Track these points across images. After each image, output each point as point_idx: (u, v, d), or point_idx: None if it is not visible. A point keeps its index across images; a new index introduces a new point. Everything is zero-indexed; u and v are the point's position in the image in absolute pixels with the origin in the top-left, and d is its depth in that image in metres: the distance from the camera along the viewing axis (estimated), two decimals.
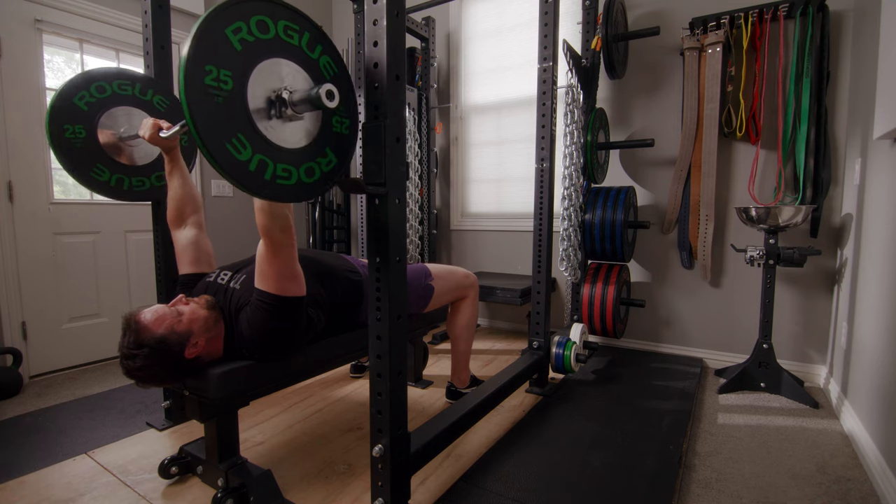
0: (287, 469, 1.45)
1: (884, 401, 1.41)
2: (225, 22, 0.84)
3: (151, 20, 1.67)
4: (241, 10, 0.86)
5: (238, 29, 0.85)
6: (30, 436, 1.69)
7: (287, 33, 0.94)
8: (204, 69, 0.80)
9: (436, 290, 1.75)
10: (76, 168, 1.47)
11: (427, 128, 3.06)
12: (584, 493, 1.32)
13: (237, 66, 0.86)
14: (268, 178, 0.90)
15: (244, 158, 0.86)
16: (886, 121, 1.41)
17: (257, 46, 0.89)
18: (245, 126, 0.87)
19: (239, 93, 0.86)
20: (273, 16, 0.91)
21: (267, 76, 0.90)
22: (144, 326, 1.12)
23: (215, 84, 0.82)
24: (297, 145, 0.96)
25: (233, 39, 0.85)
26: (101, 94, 1.51)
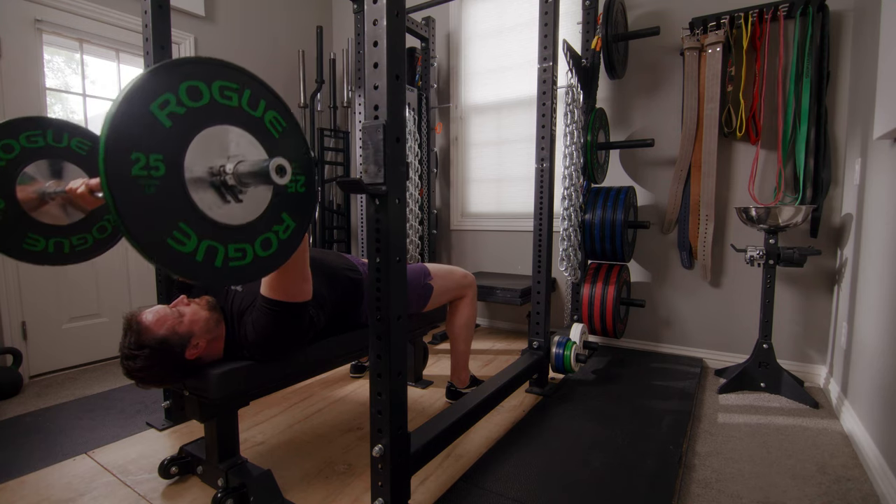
0: (287, 469, 1.45)
1: (884, 401, 1.41)
2: (149, 97, 0.72)
3: (151, 20, 1.67)
4: (167, 79, 0.75)
5: (166, 102, 0.74)
6: (30, 436, 1.69)
7: (224, 95, 0.83)
8: (130, 158, 0.70)
9: (435, 289, 1.75)
10: (5, 246, 1.24)
11: (427, 128, 3.05)
12: (584, 493, 1.32)
13: (169, 146, 0.75)
14: (219, 265, 0.81)
15: (189, 249, 0.77)
16: (886, 121, 1.41)
17: (191, 117, 0.78)
18: (186, 212, 0.77)
19: (175, 176, 0.75)
20: (206, 78, 0.80)
21: (207, 149, 0.80)
22: (146, 327, 1.12)
23: (145, 173, 0.71)
24: (249, 219, 0.87)
25: (160, 116, 0.73)
26: (9, 154, 1.26)
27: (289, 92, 3.50)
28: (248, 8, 3.21)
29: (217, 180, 0.82)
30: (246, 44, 3.21)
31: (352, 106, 3.51)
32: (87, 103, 2.54)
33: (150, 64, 1.70)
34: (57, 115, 2.44)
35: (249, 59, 3.23)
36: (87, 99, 2.53)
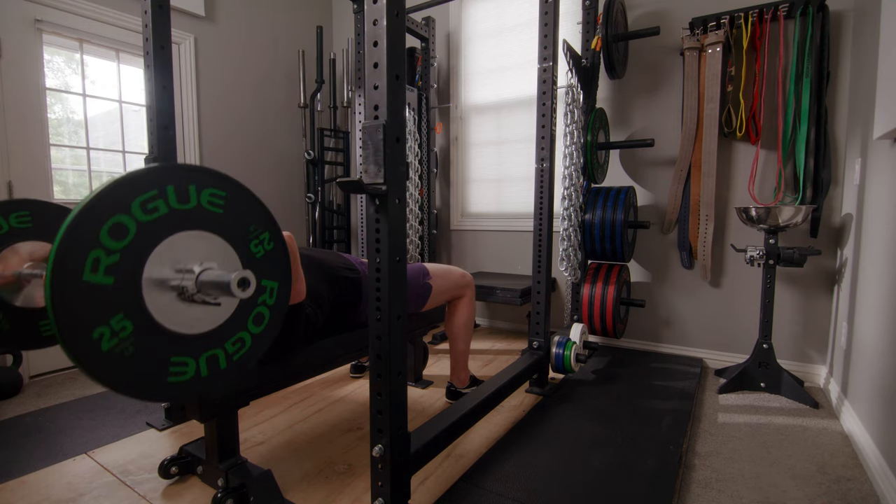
0: (287, 469, 1.45)
1: (884, 401, 1.41)
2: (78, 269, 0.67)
3: (151, 20, 1.67)
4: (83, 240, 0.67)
5: (96, 262, 0.68)
6: (30, 436, 1.69)
7: (147, 209, 0.75)
8: (92, 338, 0.67)
9: (434, 288, 1.75)
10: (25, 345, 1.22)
11: (427, 128, 3.05)
12: (584, 492, 1.32)
13: (123, 299, 0.71)
14: (225, 367, 0.82)
15: (192, 373, 0.77)
16: (886, 121, 1.41)
17: (128, 257, 0.72)
18: (173, 345, 0.75)
19: (144, 323, 0.73)
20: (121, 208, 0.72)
21: (159, 276, 0.76)
22: None
23: (115, 341, 0.69)
24: (234, 308, 0.85)
25: (98, 279, 0.69)
26: None
27: (289, 92, 3.51)
28: (248, 8, 3.21)
29: (190, 298, 0.78)
30: (246, 44, 3.21)
31: (352, 106, 3.51)
32: (87, 103, 2.54)
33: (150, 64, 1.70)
34: (57, 115, 2.44)
35: (249, 59, 3.23)
36: (87, 99, 2.53)
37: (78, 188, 2.53)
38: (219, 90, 3.06)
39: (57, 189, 2.42)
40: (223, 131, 3.09)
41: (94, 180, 2.58)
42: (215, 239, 0.83)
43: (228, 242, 0.84)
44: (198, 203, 0.79)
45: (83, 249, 0.67)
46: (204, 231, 0.81)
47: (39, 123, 2.30)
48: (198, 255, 0.80)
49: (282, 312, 0.95)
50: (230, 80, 3.12)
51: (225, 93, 3.09)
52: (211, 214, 0.82)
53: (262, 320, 0.90)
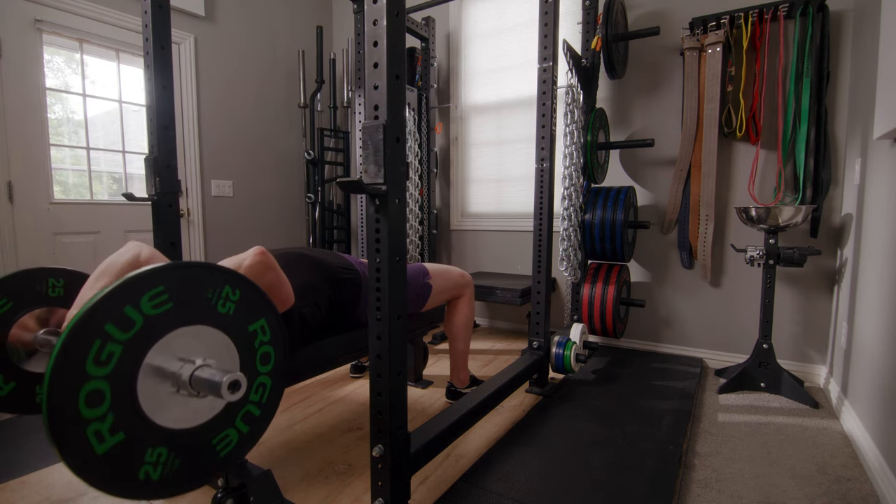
0: (287, 469, 1.45)
1: (884, 401, 1.41)
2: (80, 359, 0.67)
3: (151, 20, 1.67)
4: (91, 329, 0.68)
5: (97, 356, 0.69)
6: (30, 436, 1.69)
7: (155, 304, 0.76)
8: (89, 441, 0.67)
9: (433, 288, 1.75)
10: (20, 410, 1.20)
11: (427, 128, 3.06)
12: (584, 493, 1.32)
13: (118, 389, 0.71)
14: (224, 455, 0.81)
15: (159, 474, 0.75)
16: (886, 121, 1.41)
17: (129, 351, 0.72)
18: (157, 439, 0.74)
19: (132, 413, 0.72)
20: (132, 300, 0.73)
21: (158, 366, 0.76)
22: None
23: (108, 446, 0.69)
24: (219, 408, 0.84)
25: (96, 371, 0.69)
26: None
27: (289, 92, 3.51)
28: (248, 8, 3.21)
29: (180, 390, 0.78)
30: (246, 44, 3.21)
31: (352, 106, 3.52)
32: (87, 103, 2.54)
33: (150, 64, 1.70)
34: (57, 115, 2.45)
35: (249, 59, 3.23)
36: (87, 99, 2.53)
37: (78, 188, 2.53)
38: (219, 90, 3.06)
39: (57, 189, 2.42)
40: (223, 131, 3.09)
41: (94, 180, 2.58)
42: (187, 329, 0.80)
43: (200, 324, 0.81)
44: (145, 316, 0.75)
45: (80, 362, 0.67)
46: (173, 331, 0.78)
47: (39, 123, 2.30)
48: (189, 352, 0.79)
49: (275, 407, 0.92)
50: (230, 80, 3.12)
51: (225, 93, 3.09)
52: (164, 314, 0.78)
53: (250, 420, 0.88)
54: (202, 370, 0.77)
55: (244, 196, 3.23)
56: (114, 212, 2.58)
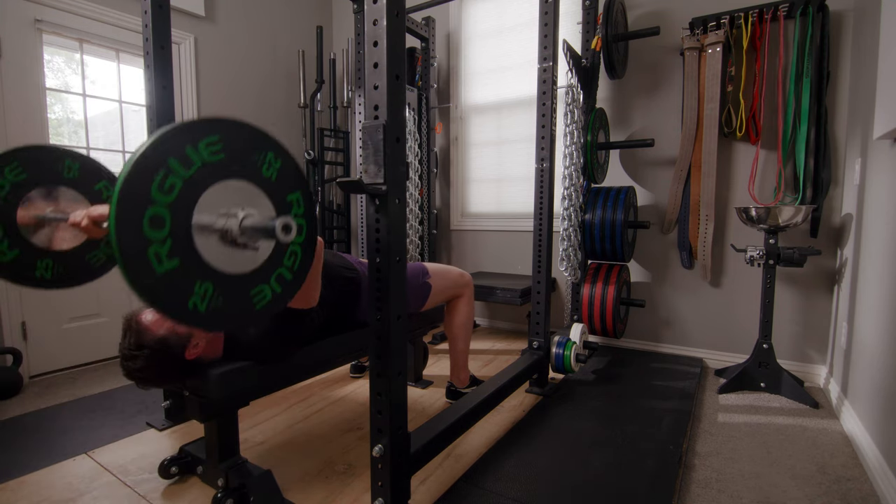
0: (287, 469, 1.45)
1: (884, 401, 1.41)
2: (149, 178, 0.72)
3: (151, 20, 1.67)
4: (158, 156, 0.74)
5: (164, 178, 0.74)
6: (30, 436, 1.69)
7: (212, 153, 0.81)
8: (145, 237, 0.71)
9: (433, 287, 1.75)
10: (20, 279, 1.24)
11: (427, 128, 3.05)
12: (584, 493, 1.32)
13: (177, 217, 0.76)
14: (259, 308, 0.86)
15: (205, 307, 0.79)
16: (886, 121, 1.41)
17: (189, 185, 0.78)
18: (204, 273, 0.79)
19: (187, 244, 0.77)
20: (192, 141, 0.78)
21: (210, 210, 0.80)
22: (145, 327, 1.12)
23: (159, 249, 0.73)
24: (260, 261, 0.88)
25: (160, 197, 0.74)
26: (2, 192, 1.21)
27: (289, 92, 3.51)
28: (248, 8, 3.21)
29: (226, 238, 0.83)
30: (246, 44, 3.21)
31: (352, 106, 3.51)
32: (87, 103, 2.54)
33: (150, 64, 1.70)
34: (57, 115, 2.45)
35: (249, 60, 3.23)
36: (87, 99, 2.53)
37: None
38: (219, 90, 3.05)
39: None
40: None
41: None
42: (236, 183, 0.85)
43: (246, 181, 0.87)
44: (202, 160, 0.80)
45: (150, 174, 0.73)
46: (224, 181, 0.83)
47: (39, 123, 2.30)
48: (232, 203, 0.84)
49: (300, 284, 0.96)
50: (230, 80, 3.12)
51: (225, 93, 3.09)
52: (217, 163, 0.83)
53: (284, 281, 0.92)
54: (250, 218, 0.83)
55: None
56: None
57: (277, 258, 0.91)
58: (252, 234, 0.83)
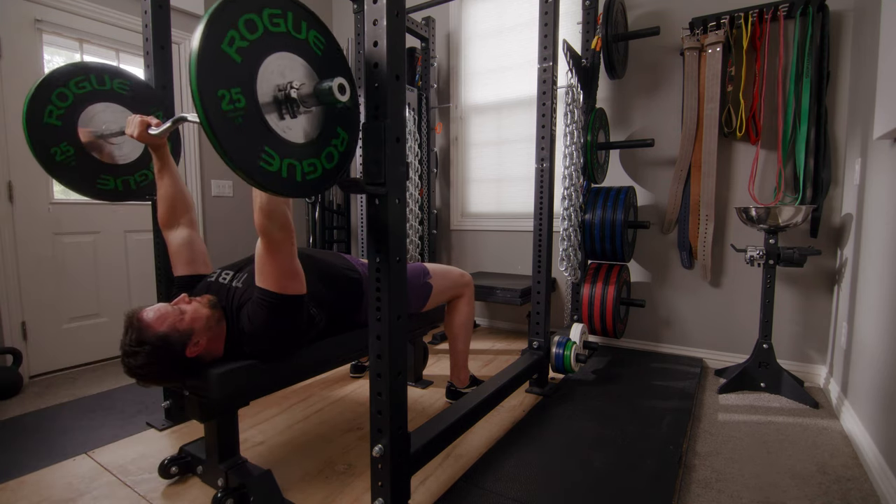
0: (287, 469, 1.45)
1: (884, 401, 1.41)
2: (219, 37, 0.80)
3: (151, 20, 1.67)
4: (228, 17, 0.82)
5: (232, 39, 0.82)
6: (30, 436, 1.69)
7: (273, 22, 0.89)
8: (217, 96, 0.79)
9: (434, 288, 1.75)
10: (82, 186, 1.44)
11: (427, 128, 3.05)
12: (584, 493, 1.32)
13: (243, 78, 0.84)
14: (299, 180, 0.91)
15: (275, 168, 0.87)
16: (886, 121, 1.41)
17: (254, 48, 0.86)
18: (267, 136, 0.87)
19: (253, 105, 0.85)
20: (257, 8, 0.86)
21: (269, 77, 0.88)
22: (147, 324, 1.12)
23: (231, 107, 0.81)
24: (313, 136, 0.96)
25: (231, 53, 0.82)
26: (64, 102, 1.42)
27: None
28: None
29: (284, 104, 0.90)
30: None
31: None
32: None
33: (150, 64, 1.70)
34: None
35: None
36: None
37: None
38: None
39: (57, 189, 2.42)
40: None
41: None
42: (292, 56, 0.93)
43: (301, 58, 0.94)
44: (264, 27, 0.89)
45: (224, 26, 0.81)
46: (282, 52, 0.91)
47: None
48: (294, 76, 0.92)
49: (345, 166, 1.01)
50: None
51: None
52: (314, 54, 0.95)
53: (332, 159, 0.99)
54: (305, 86, 0.90)
55: (244, 196, 3.23)
56: (114, 212, 2.58)
57: (329, 133, 0.99)
58: (310, 97, 0.89)
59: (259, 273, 1.18)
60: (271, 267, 1.16)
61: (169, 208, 1.42)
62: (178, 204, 1.42)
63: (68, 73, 1.43)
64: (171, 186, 1.42)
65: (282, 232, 1.13)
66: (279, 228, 1.12)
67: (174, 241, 1.42)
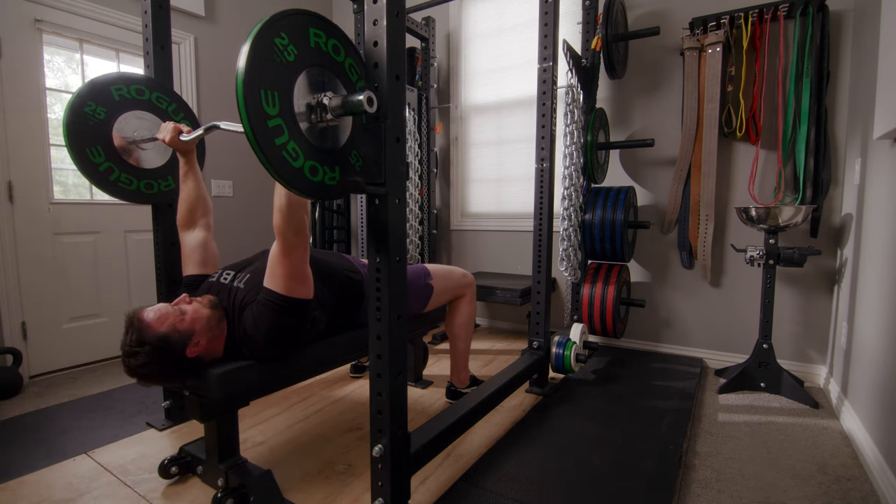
0: (287, 469, 1.45)
1: (884, 401, 1.41)
2: (312, 23, 0.94)
3: (151, 20, 1.67)
4: (328, 28, 0.97)
5: (318, 35, 0.95)
6: (30, 436, 1.69)
7: (349, 68, 1.03)
8: (279, 33, 0.88)
9: (435, 289, 1.75)
10: (76, 140, 1.47)
11: (427, 128, 3.05)
12: (584, 493, 1.32)
13: (303, 53, 0.93)
14: (277, 144, 0.94)
15: (299, 165, 0.92)
16: (886, 121, 1.41)
17: (323, 55, 0.97)
18: (283, 89, 0.92)
19: (294, 68, 0.92)
20: (346, 48, 1.00)
21: (306, 87, 0.96)
22: (147, 324, 1.12)
23: (281, 48, 0.89)
24: (339, 145, 1.01)
25: (311, 37, 0.94)
26: (139, 96, 1.56)
27: None
28: (248, 8, 3.21)
29: (315, 110, 0.96)
30: None
31: None
32: None
33: (150, 64, 1.70)
34: (57, 115, 2.45)
35: None
36: None
37: (78, 188, 2.53)
38: (219, 90, 3.05)
39: (57, 189, 2.42)
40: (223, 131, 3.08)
41: None
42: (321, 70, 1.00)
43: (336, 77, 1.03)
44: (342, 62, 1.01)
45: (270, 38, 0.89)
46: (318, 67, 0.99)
47: (39, 123, 2.30)
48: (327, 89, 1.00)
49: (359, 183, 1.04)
50: (230, 79, 3.12)
51: (225, 93, 3.09)
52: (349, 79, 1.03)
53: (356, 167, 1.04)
54: (336, 98, 0.96)
55: (244, 196, 3.23)
56: (114, 212, 2.58)
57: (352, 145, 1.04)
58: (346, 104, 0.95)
59: (269, 274, 1.20)
60: (282, 269, 1.17)
61: (189, 210, 1.47)
62: (198, 207, 1.48)
63: (113, 80, 1.55)
64: (194, 190, 1.48)
65: (297, 236, 1.15)
66: (295, 232, 1.14)
67: (190, 241, 1.46)
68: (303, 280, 1.21)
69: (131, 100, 1.55)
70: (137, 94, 1.56)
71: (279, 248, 1.16)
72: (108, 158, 1.52)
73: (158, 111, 1.61)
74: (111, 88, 1.50)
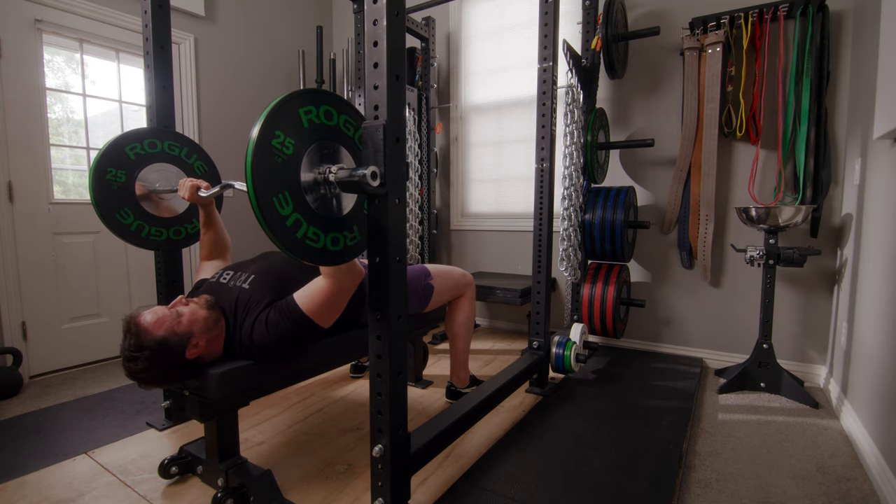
0: (287, 469, 1.45)
1: (884, 401, 1.41)
2: (299, 103, 0.97)
3: (151, 20, 1.67)
4: (315, 97, 1.00)
5: (309, 111, 0.99)
6: (30, 436, 1.69)
7: (344, 124, 1.08)
8: (274, 133, 0.92)
9: (435, 289, 1.75)
10: (105, 207, 1.51)
11: (427, 128, 3.05)
12: (584, 493, 1.32)
13: (300, 138, 0.97)
14: (299, 237, 0.98)
15: (285, 213, 0.95)
16: (886, 121, 1.41)
17: (319, 129, 1.02)
18: (292, 188, 0.97)
19: (295, 160, 0.97)
20: (338, 107, 1.05)
21: (310, 166, 1.01)
22: (144, 329, 1.12)
23: (279, 146, 0.93)
24: (333, 215, 1.06)
25: (303, 118, 0.98)
26: (152, 150, 1.61)
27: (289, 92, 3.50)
28: (248, 8, 3.21)
29: (322, 175, 1.02)
30: (246, 44, 3.21)
31: None
32: (87, 103, 2.54)
33: (150, 64, 1.70)
34: (57, 115, 2.45)
35: (249, 59, 3.23)
36: (87, 99, 2.53)
37: (78, 188, 2.53)
38: (219, 90, 3.05)
39: (57, 189, 2.42)
40: (223, 131, 3.09)
41: None
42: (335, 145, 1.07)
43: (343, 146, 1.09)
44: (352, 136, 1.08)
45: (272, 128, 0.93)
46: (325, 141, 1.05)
47: (39, 123, 2.30)
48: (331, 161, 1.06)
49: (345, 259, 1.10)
50: (230, 79, 3.12)
51: (225, 93, 3.09)
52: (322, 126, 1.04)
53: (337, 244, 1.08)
54: (343, 171, 1.00)
55: (244, 196, 3.23)
56: None
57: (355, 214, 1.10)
58: (352, 181, 0.99)
59: (308, 294, 1.22)
60: (322, 298, 1.21)
61: (210, 252, 1.60)
62: (219, 247, 1.62)
63: (167, 135, 1.66)
64: (215, 235, 1.59)
65: (355, 282, 1.22)
66: (352, 284, 1.22)
67: (206, 268, 1.58)
68: (334, 313, 1.25)
69: (146, 155, 1.59)
70: (150, 148, 1.61)
71: (332, 287, 1.19)
72: (137, 217, 1.58)
73: (173, 159, 1.67)
74: (126, 149, 1.54)
